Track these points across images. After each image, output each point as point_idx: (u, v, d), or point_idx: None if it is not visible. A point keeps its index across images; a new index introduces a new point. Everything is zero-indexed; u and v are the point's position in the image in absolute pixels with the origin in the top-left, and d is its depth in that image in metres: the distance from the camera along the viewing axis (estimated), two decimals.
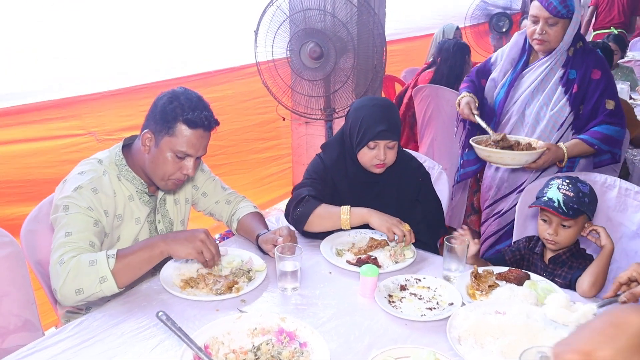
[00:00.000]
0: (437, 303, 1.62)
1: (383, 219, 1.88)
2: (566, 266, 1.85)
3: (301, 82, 3.15)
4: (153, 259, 1.60)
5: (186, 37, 3.15)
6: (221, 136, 3.22)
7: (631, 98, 4.29)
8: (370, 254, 1.88)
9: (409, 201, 2.08)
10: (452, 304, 1.60)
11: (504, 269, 1.76)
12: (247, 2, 3.26)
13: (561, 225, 1.81)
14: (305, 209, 1.96)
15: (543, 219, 1.87)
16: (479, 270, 1.72)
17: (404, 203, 2.06)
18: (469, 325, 1.44)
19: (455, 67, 3.91)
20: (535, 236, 1.99)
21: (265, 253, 1.86)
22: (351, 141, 2.01)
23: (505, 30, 5.79)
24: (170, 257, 1.67)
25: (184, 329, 1.38)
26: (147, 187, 1.84)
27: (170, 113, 1.68)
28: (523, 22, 5.67)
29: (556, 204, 1.78)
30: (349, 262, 1.84)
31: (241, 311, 1.56)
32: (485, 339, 1.40)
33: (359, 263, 1.79)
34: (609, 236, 1.71)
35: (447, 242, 1.75)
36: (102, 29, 2.71)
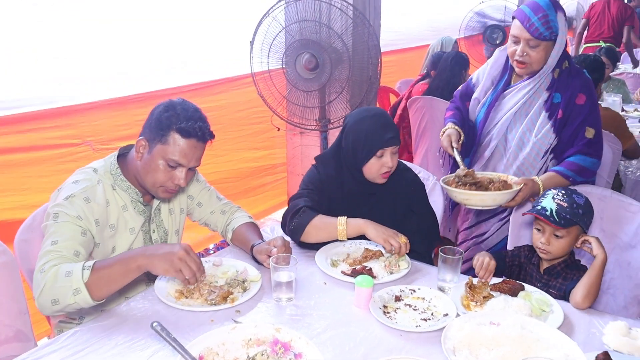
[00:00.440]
0: (432, 314, 1.63)
1: (380, 231, 1.88)
2: (561, 277, 1.86)
3: (296, 92, 3.16)
4: (129, 273, 1.54)
5: (183, 46, 3.16)
6: (216, 146, 3.22)
7: (623, 110, 4.33)
8: (365, 264, 1.88)
9: (404, 212, 2.08)
10: (446, 314, 1.61)
11: (499, 280, 1.77)
12: (243, 12, 3.28)
13: (554, 235, 1.82)
14: (301, 220, 1.96)
15: (537, 228, 1.88)
16: (474, 281, 1.73)
17: (399, 214, 2.07)
18: (463, 336, 1.45)
19: (452, 79, 3.92)
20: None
21: (260, 263, 1.86)
22: (355, 155, 1.99)
23: (498, 42, 5.83)
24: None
25: (178, 340, 1.38)
26: (142, 197, 1.83)
27: (164, 121, 1.68)
28: None
29: (548, 213, 1.79)
30: (343, 272, 1.84)
31: (236, 322, 1.56)
32: (479, 350, 1.41)
33: (354, 274, 1.79)
34: (601, 246, 1.71)
35: (441, 253, 1.76)
36: (101, 30, 2.71)
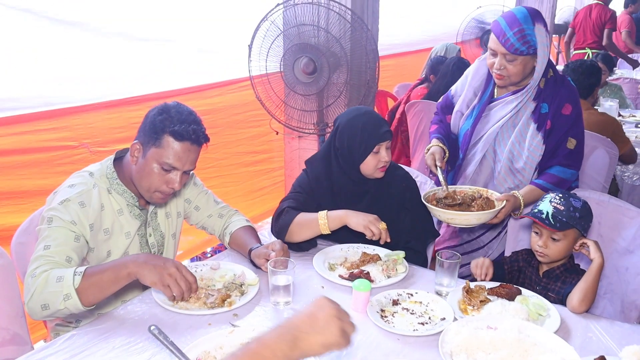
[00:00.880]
0: (429, 318, 1.63)
1: (360, 218, 1.89)
2: (560, 281, 1.86)
3: (294, 96, 3.16)
4: (120, 281, 1.54)
5: (181, 49, 3.16)
6: (213, 149, 3.22)
7: (620, 115, 4.35)
8: (362, 268, 1.89)
9: (396, 210, 2.09)
10: (444, 318, 1.61)
11: (496, 284, 1.77)
12: (242, 16, 3.28)
13: (551, 238, 1.83)
14: (284, 220, 1.98)
15: (535, 231, 1.88)
16: (471, 286, 1.74)
17: (393, 212, 2.07)
18: (460, 340, 1.45)
19: (452, 84, 3.90)
20: None
21: (258, 267, 1.86)
22: (352, 153, 2.01)
23: None
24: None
25: (176, 343, 1.38)
26: (138, 201, 1.83)
27: (158, 125, 1.68)
28: None
29: (544, 216, 1.79)
30: (341, 276, 1.84)
31: (233, 325, 1.56)
32: (477, 354, 1.41)
33: (352, 277, 1.79)
34: (598, 249, 1.72)
35: (439, 257, 1.76)
36: (102, 31, 2.71)
